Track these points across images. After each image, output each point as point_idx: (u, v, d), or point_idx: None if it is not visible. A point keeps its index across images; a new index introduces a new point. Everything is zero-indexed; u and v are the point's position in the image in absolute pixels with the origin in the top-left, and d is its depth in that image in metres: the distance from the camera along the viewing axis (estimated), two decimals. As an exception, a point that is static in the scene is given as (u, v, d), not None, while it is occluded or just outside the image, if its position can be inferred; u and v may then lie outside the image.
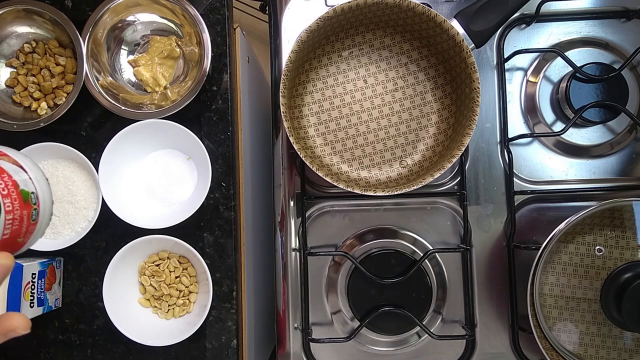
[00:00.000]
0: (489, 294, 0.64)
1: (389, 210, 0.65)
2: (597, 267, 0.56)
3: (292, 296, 0.64)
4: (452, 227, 0.65)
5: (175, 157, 0.67)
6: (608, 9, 0.65)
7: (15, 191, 0.33)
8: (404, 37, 0.63)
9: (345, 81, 0.63)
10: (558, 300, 0.57)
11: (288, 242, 0.65)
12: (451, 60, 0.59)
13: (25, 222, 0.34)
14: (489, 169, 0.64)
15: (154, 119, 0.62)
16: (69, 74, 0.65)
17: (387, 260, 0.62)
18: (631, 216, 0.56)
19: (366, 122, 0.63)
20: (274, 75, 0.65)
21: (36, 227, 0.36)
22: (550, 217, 0.64)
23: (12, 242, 0.34)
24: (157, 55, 0.67)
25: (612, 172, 0.64)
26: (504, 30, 0.65)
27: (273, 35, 0.66)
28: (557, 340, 0.57)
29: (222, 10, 0.66)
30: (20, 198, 0.33)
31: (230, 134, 0.66)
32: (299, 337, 0.64)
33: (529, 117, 0.65)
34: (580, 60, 0.61)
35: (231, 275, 0.65)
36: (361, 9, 0.57)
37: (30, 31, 0.66)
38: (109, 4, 0.63)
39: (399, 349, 0.64)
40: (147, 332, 0.62)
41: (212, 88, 0.66)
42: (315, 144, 0.63)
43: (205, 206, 0.65)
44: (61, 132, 0.66)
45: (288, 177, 0.65)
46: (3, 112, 0.64)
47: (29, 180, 0.35)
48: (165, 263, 0.65)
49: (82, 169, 0.65)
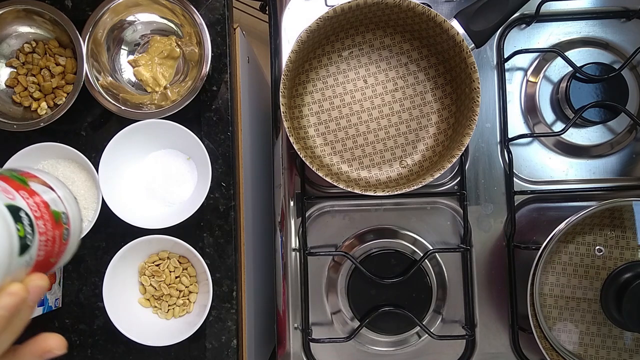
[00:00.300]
0: (489, 294, 0.64)
1: (389, 210, 0.65)
2: (597, 267, 0.56)
3: (292, 296, 0.64)
4: (452, 227, 0.65)
5: (175, 157, 0.67)
6: (608, 9, 0.65)
7: (47, 212, 0.33)
8: (404, 37, 0.63)
9: (345, 81, 0.63)
10: (558, 300, 0.57)
11: (288, 242, 0.65)
12: (451, 60, 0.59)
13: (57, 242, 0.34)
14: (489, 169, 0.64)
15: (154, 119, 0.62)
16: (69, 74, 0.65)
17: (387, 260, 0.62)
18: (631, 216, 0.56)
19: (366, 122, 0.63)
20: (274, 75, 0.65)
21: (67, 246, 0.36)
22: (550, 217, 0.64)
23: (45, 262, 0.34)
24: (157, 55, 0.67)
25: (612, 172, 0.64)
26: (504, 30, 0.65)
27: (273, 35, 0.66)
28: (557, 340, 0.57)
29: (222, 10, 0.66)
30: (52, 219, 0.33)
31: (230, 134, 0.66)
32: (299, 337, 0.64)
33: (529, 117, 0.65)
34: (580, 60, 0.61)
35: (231, 275, 0.65)
36: (361, 9, 0.57)
37: (30, 31, 0.66)
38: (109, 4, 0.63)
39: (399, 349, 0.64)
40: (147, 332, 0.62)
41: (212, 88, 0.66)
42: (315, 144, 0.63)
43: (205, 206, 0.65)
44: (61, 132, 0.66)
45: (288, 177, 0.65)
46: (3, 112, 0.64)
47: (58, 200, 0.35)
48: (165, 263, 0.65)
49: (82, 169, 0.65)
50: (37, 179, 0.35)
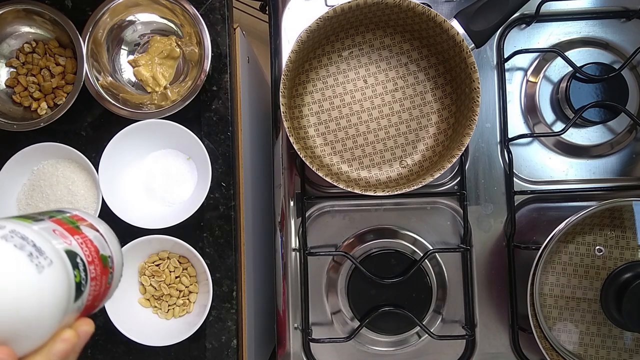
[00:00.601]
0: (489, 294, 0.64)
1: (389, 210, 0.65)
2: (597, 267, 0.56)
3: (292, 296, 0.64)
4: (452, 227, 0.65)
5: (175, 157, 0.67)
6: (608, 9, 0.64)
7: (97, 257, 0.33)
8: (404, 37, 0.63)
9: (345, 81, 0.63)
10: (558, 300, 0.57)
11: (288, 242, 0.64)
12: (451, 60, 0.59)
13: (103, 287, 0.34)
14: (489, 169, 0.64)
15: (154, 119, 0.62)
16: (69, 74, 0.65)
17: (387, 260, 0.62)
18: (631, 216, 0.56)
19: (366, 122, 0.63)
20: (274, 75, 0.65)
21: (110, 290, 0.35)
22: (550, 217, 0.64)
23: (91, 306, 0.33)
24: (157, 55, 0.67)
25: (612, 172, 0.64)
26: (504, 30, 0.65)
27: (273, 35, 0.66)
28: (557, 340, 0.57)
29: (222, 10, 0.66)
30: (101, 263, 0.33)
31: (230, 134, 0.66)
32: (299, 337, 0.64)
33: (529, 117, 0.65)
34: (580, 60, 0.61)
35: (231, 275, 0.65)
36: (361, 9, 0.57)
37: (30, 31, 0.66)
38: (109, 4, 0.63)
39: (399, 349, 0.64)
40: (147, 332, 0.62)
41: (212, 88, 0.66)
42: (315, 144, 0.63)
43: (205, 206, 0.65)
44: (61, 132, 0.66)
45: (288, 177, 0.65)
46: (3, 112, 0.64)
47: (105, 243, 0.35)
48: (165, 263, 0.65)
49: (82, 169, 0.65)
50: (85, 221, 0.35)
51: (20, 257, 0.27)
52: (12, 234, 0.28)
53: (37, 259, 0.27)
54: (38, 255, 0.28)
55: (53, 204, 0.64)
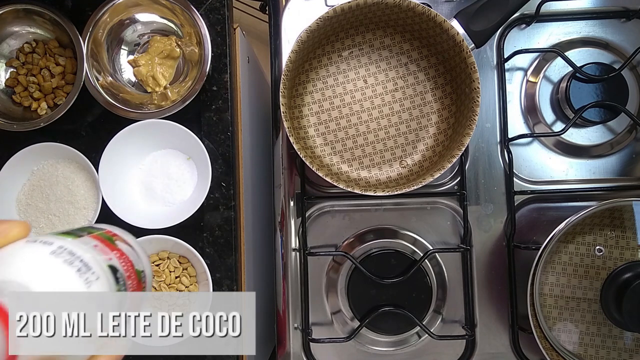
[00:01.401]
0: (489, 294, 0.64)
1: (389, 210, 0.65)
2: (597, 267, 0.56)
3: (292, 296, 0.64)
4: (452, 227, 0.65)
5: (175, 157, 0.67)
6: (608, 9, 0.64)
7: (133, 272, 0.33)
8: (404, 37, 0.63)
9: (345, 81, 0.63)
10: (558, 300, 0.57)
11: (288, 242, 0.64)
12: (451, 60, 0.59)
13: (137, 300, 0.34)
14: (489, 169, 0.64)
15: (154, 119, 0.62)
16: (69, 74, 0.65)
17: (387, 260, 0.62)
18: (631, 216, 0.56)
19: (366, 122, 0.62)
20: (274, 75, 0.65)
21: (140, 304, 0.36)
22: (550, 217, 0.64)
23: None
24: (157, 55, 0.67)
25: (612, 172, 0.64)
26: (504, 30, 0.65)
27: (273, 35, 0.66)
28: (557, 340, 0.57)
29: (222, 10, 0.66)
30: (136, 278, 0.33)
31: (230, 134, 0.66)
32: (299, 337, 0.64)
33: (529, 117, 0.65)
34: (580, 60, 0.61)
35: (231, 275, 0.65)
36: (361, 9, 0.57)
37: (30, 31, 0.66)
38: (109, 4, 0.63)
39: (399, 349, 0.64)
40: (147, 332, 0.62)
41: (212, 88, 0.66)
42: (315, 144, 0.63)
43: (205, 206, 0.65)
44: (61, 132, 0.66)
45: (288, 177, 0.65)
46: (3, 112, 0.64)
47: (138, 258, 0.35)
48: (165, 263, 0.65)
49: (82, 169, 0.65)
50: (118, 237, 0.35)
51: (70, 272, 0.27)
52: (60, 250, 0.28)
53: (85, 274, 0.28)
54: (86, 271, 0.28)
55: (53, 204, 0.64)
